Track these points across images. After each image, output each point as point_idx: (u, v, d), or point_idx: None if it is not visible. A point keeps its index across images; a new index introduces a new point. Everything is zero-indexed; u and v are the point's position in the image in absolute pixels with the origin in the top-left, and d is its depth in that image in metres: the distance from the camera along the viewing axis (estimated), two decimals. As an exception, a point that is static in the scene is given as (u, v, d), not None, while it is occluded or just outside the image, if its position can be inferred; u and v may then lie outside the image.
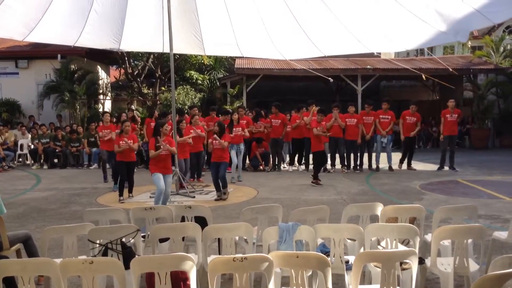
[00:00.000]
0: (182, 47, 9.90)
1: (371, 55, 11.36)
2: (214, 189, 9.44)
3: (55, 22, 8.03)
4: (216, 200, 8.91)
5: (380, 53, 17.87)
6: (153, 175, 7.65)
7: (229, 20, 8.95)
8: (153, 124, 10.61)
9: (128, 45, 9.56)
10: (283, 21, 8.63)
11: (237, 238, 4.34)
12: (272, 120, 12.35)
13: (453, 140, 11.97)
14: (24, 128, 15.59)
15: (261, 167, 12.64)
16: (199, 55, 18.99)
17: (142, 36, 9.59)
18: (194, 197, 9.10)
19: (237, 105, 17.08)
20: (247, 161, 12.67)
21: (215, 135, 8.91)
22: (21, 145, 15.05)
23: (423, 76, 11.76)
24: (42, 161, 14.30)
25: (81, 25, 8.35)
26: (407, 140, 12.09)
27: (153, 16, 9.06)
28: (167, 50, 9.59)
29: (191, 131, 10.14)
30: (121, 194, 8.96)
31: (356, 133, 11.80)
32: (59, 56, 17.52)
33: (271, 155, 12.76)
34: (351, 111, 11.95)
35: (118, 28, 8.87)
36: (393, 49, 10.63)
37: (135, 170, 9.69)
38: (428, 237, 4.49)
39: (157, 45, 9.94)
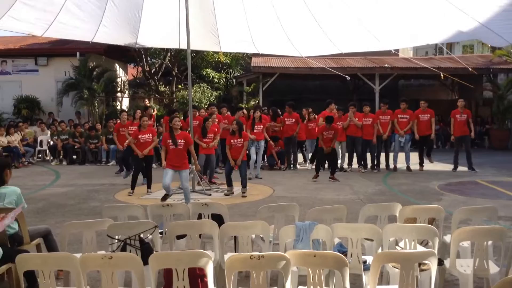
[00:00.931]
0: (198, 43, 9.92)
1: (389, 52, 11.26)
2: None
3: (73, 15, 8.12)
4: (225, 195, 8.98)
5: (398, 51, 17.70)
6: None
7: (245, 17, 8.95)
8: None
9: (145, 40, 9.62)
10: (299, 17, 8.61)
11: (253, 236, 4.35)
12: (286, 119, 12.32)
13: (466, 141, 11.72)
14: (43, 124, 15.81)
15: (277, 166, 12.63)
16: (216, 53, 19.07)
17: (159, 32, 9.65)
18: (210, 194, 9.13)
19: (253, 103, 17.09)
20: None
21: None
22: (41, 141, 15.26)
23: (442, 75, 11.63)
24: (61, 157, 14.49)
25: (99, 17, 8.42)
26: (421, 139, 11.96)
27: (170, 11, 9.10)
28: (183, 46, 9.61)
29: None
30: (132, 187, 9.13)
31: (371, 132, 11.73)
32: (78, 53, 17.73)
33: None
34: (366, 111, 11.87)
35: (135, 21, 8.94)
36: (414, 44, 10.44)
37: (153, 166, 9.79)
38: (447, 238, 4.44)
39: (173, 41, 9.99)
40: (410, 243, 3.85)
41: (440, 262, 3.79)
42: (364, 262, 3.77)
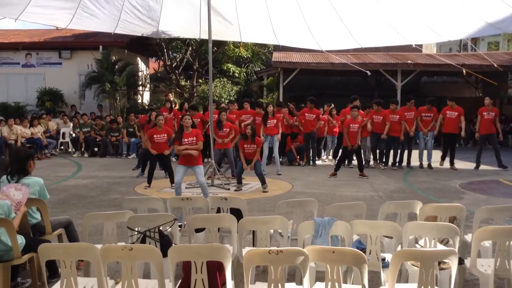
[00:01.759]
0: (219, 33, 9.91)
1: (412, 49, 11.13)
2: (249, 183, 9.57)
3: (95, 5, 8.25)
4: (235, 190, 9.01)
5: (421, 46, 17.38)
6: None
7: (266, 7, 8.91)
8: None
9: (166, 31, 9.68)
10: (321, 9, 8.54)
11: (271, 231, 4.35)
12: (306, 114, 12.25)
13: (492, 138, 11.60)
14: (66, 117, 16.07)
15: (297, 162, 12.61)
16: (237, 48, 19.09)
17: (180, 22, 9.70)
18: (229, 189, 9.16)
19: (271, 98, 17.03)
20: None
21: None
22: (63, 134, 15.51)
23: (464, 71, 11.44)
24: (82, 149, 14.70)
25: (119, 7, 8.52)
26: (445, 137, 11.78)
27: (191, 0, 9.15)
28: (204, 36, 9.62)
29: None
30: (149, 182, 9.26)
31: (398, 129, 11.61)
32: (100, 47, 17.95)
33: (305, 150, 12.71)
34: (393, 108, 11.76)
35: (156, 11, 9.02)
36: (437, 40, 10.19)
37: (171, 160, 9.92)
38: (468, 237, 4.38)
39: (194, 31, 10.03)
40: (430, 242, 3.81)
41: (461, 261, 3.74)
42: (383, 259, 3.74)
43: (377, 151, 11.97)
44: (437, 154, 11.97)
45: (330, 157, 13.29)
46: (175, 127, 11.46)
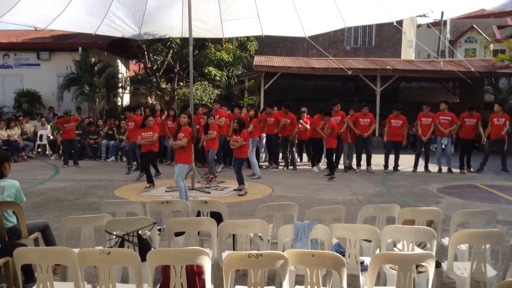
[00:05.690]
0: (201, 31, 9.89)
1: (391, 55, 11.17)
2: (229, 186, 9.58)
3: (78, 10, 8.18)
4: (234, 190, 9.20)
5: (401, 25, 17.13)
6: None
7: None
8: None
9: (148, 31, 9.66)
10: None
11: (251, 235, 4.35)
12: (282, 119, 12.27)
13: (501, 144, 11.97)
14: (44, 119, 15.80)
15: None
16: (218, 52, 19.05)
17: (161, 22, 9.67)
18: (209, 192, 9.14)
19: (250, 101, 17.04)
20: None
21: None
22: (41, 136, 15.25)
23: (441, 63, 11.60)
24: (60, 152, 14.46)
25: (103, 13, 8.47)
26: (465, 143, 12.17)
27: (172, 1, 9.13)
28: (186, 35, 9.58)
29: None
30: (150, 181, 9.56)
31: (400, 133, 11.91)
32: (80, 48, 17.72)
33: (282, 153, 12.73)
34: (396, 114, 11.94)
35: (139, 13, 8.97)
36: (423, 11, 9.85)
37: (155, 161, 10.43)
38: (445, 240, 4.45)
39: (176, 31, 10.01)
40: (408, 245, 3.86)
41: (438, 265, 3.79)
42: (362, 263, 3.78)
43: (364, 155, 12.11)
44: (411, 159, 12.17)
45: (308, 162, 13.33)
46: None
